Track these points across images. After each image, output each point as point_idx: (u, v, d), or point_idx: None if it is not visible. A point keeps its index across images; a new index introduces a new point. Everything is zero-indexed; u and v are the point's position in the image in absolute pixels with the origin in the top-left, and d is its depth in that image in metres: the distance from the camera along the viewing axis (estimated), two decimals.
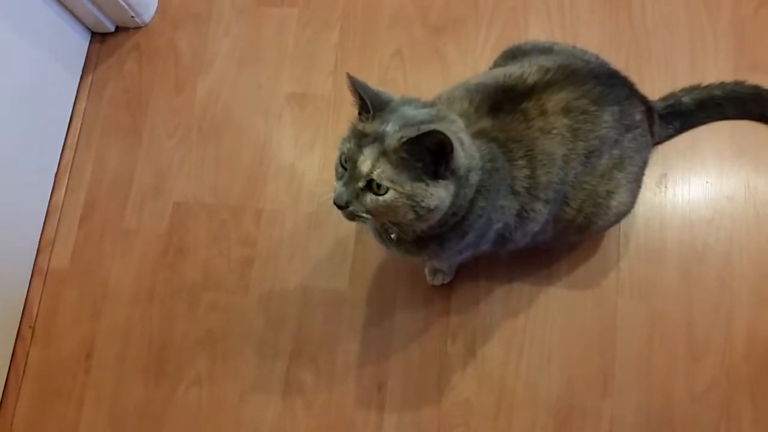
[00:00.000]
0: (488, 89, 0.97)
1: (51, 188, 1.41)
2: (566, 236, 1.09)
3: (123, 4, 1.42)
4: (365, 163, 0.80)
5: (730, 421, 1.14)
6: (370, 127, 0.81)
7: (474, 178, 0.85)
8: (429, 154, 0.79)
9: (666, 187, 1.26)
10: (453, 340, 1.22)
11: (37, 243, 1.38)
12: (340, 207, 0.82)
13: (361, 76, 1.25)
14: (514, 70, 1.00)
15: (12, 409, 1.29)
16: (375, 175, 0.79)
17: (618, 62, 1.15)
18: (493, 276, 1.24)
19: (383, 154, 0.79)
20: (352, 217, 0.83)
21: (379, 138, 0.79)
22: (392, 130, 0.80)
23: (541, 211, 0.98)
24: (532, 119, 0.94)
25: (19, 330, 1.33)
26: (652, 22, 1.36)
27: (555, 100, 0.95)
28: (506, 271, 1.24)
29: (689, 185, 1.26)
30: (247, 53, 1.44)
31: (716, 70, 1.31)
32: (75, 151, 1.42)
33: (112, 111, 1.44)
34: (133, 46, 1.48)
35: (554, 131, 0.94)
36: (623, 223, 1.23)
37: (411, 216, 0.82)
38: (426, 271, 1.23)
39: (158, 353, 1.27)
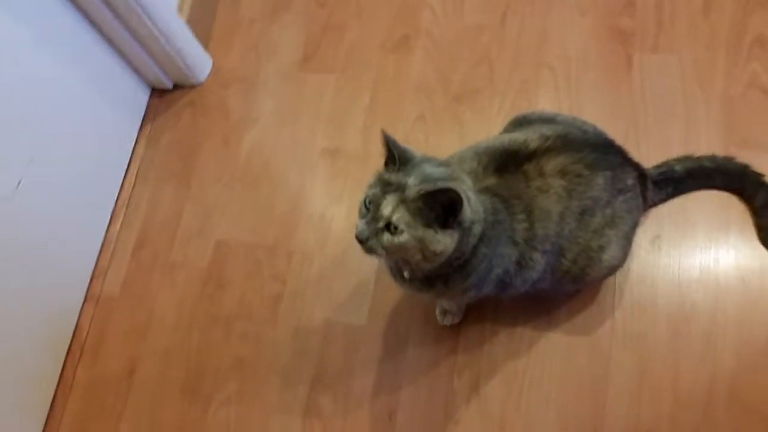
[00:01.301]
0: (495, 152, 1.11)
1: (108, 222, 1.58)
2: (563, 285, 1.21)
3: (181, 65, 1.62)
4: (387, 208, 0.93)
5: None
6: (394, 177, 0.95)
7: (477, 229, 0.99)
8: (441, 206, 0.93)
9: (659, 247, 1.38)
10: (459, 376, 1.33)
11: (92, 271, 1.54)
12: (360, 242, 0.96)
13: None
14: (518, 136, 1.14)
15: (58, 422, 1.42)
16: (394, 219, 0.93)
17: (617, 131, 1.30)
18: (498, 320, 1.36)
19: (403, 201, 0.93)
20: (369, 251, 0.97)
21: (401, 188, 0.94)
22: (413, 183, 0.94)
23: (539, 261, 1.11)
24: (532, 179, 1.08)
25: (69, 349, 1.48)
26: (650, 96, 1.50)
27: (553, 163, 1.09)
28: (510, 316, 1.36)
29: (680, 247, 1.38)
30: (288, 112, 1.63)
31: (708, 143, 1.44)
32: (132, 191, 1.61)
33: (166, 157, 1.63)
34: (188, 102, 1.68)
35: (551, 191, 1.08)
36: (619, 277, 1.36)
37: (419, 257, 0.96)
38: (437, 312, 1.36)
39: (194, 375, 1.41)
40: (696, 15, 1.57)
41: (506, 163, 1.10)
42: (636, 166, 1.22)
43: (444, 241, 0.96)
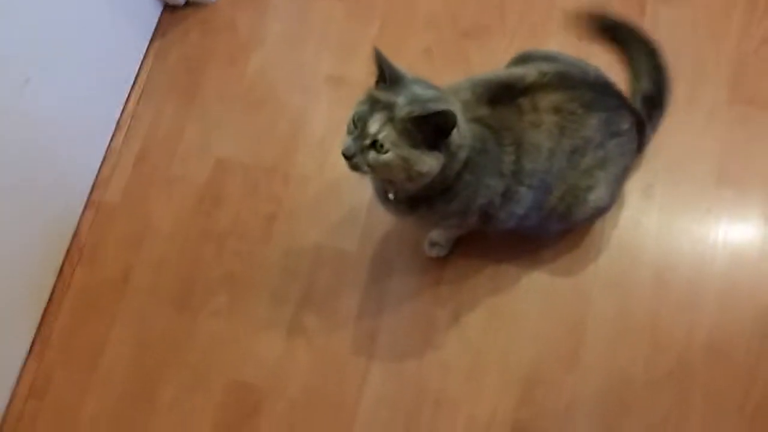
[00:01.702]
0: (490, 84, 1.11)
1: (112, 133, 1.60)
2: (550, 223, 1.23)
3: None
4: (374, 125, 0.94)
5: (681, 411, 1.26)
6: (384, 95, 0.96)
7: (462, 155, 1.00)
8: (431, 128, 0.95)
9: (651, 196, 1.39)
10: (442, 306, 1.37)
11: (94, 178, 1.57)
12: (346, 157, 0.97)
13: None
14: (516, 70, 1.15)
15: (52, 321, 1.47)
16: (380, 137, 0.94)
17: (621, 82, 1.29)
18: (485, 256, 1.39)
19: (390, 120, 0.94)
20: (355, 168, 0.98)
21: (389, 106, 0.94)
22: (402, 102, 0.95)
23: (525, 195, 1.12)
24: (525, 113, 1.08)
25: (68, 251, 1.51)
26: (661, 43, 1.48)
27: (548, 99, 1.08)
28: (497, 253, 1.38)
29: (672, 197, 1.38)
30: (296, 36, 1.62)
31: (713, 99, 1.44)
32: (137, 104, 1.62)
33: (173, 73, 1.64)
34: (199, 20, 1.68)
35: (543, 126, 1.08)
36: (608, 222, 1.37)
37: (403, 176, 0.98)
38: (425, 243, 1.38)
39: (186, 285, 1.45)
40: None
41: (501, 95, 1.09)
42: (634, 112, 1.21)
43: (429, 162, 0.97)
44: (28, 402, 1.40)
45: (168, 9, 1.70)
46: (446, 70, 1.53)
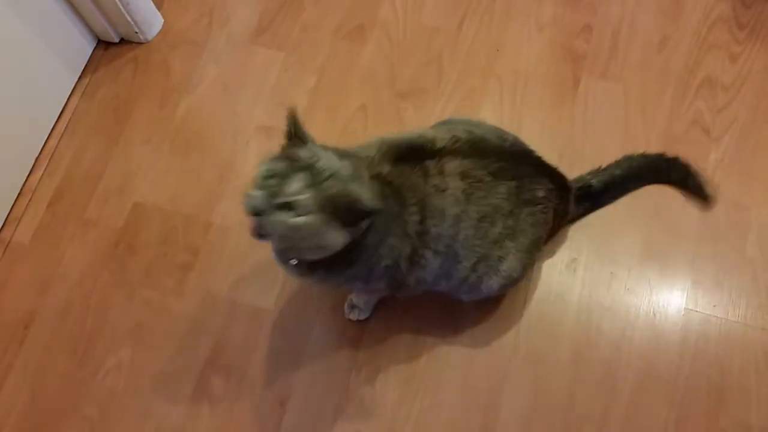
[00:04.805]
0: (399, 144, 1.06)
1: (29, 170, 1.53)
2: (461, 293, 1.20)
3: (130, 20, 1.57)
4: (293, 186, 0.89)
5: None
6: (303, 154, 0.92)
7: (365, 224, 0.96)
8: (349, 210, 0.91)
9: (575, 270, 1.38)
10: (357, 372, 1.32)
11: (5, 217, 1.49)
12: (253, 213, 0.89)
13: (328, 121, 1.42)
14: (429, 133, 1.11)
15: None
16: (300, 199, 0.88)
17: (553, 150, 1.29)
18: (405, 322, 1.34)
19: (313, 185, 0.89)
20: (258, 229, 0.91)
21: (310, 168, 0.90)
22: (323, 167, 0.90)
23: (431, 260, 1.08)
24: (430, 176, 1.04)
25: None
26: (591, 120, 1.50)
27: (455, 164, 1.05)
28: (417, 320, 1.34)
29: (595, 273, 1.38)
30: (231, 83, 1.59)
31: None
32: (59, 141, 1.55)
33: (99, 112, 1.58)
34: (132, 58, 1.63)
35: (448, 191, 1.04)
36: (530, 294, 1.35)
37: (306, 245, 0.94)
38: (345, 305, 1.34)
39: (89, 336, 1.37)
40: (651, 48, 1.58)
41: (407, 156, 1.05)
42: (554, 178, 1.19)
43: (336, 238, 0.93)
44: None
45: (102, 45, 1.66)
46: (380, 127, 1.51)
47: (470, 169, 1.06)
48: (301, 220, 0.89)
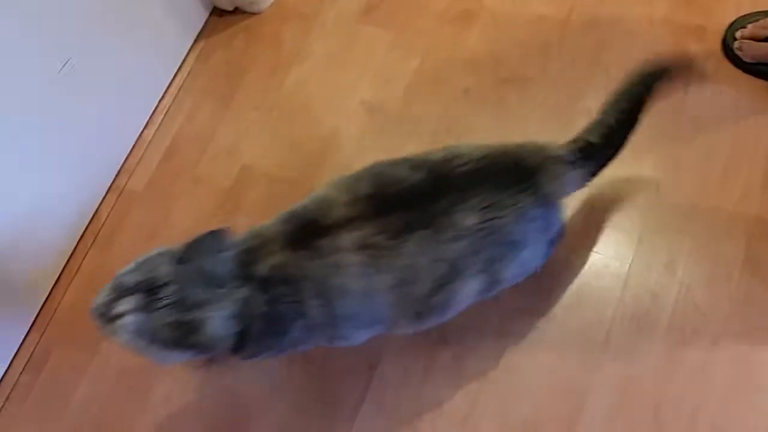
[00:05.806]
0: (299, 219, 1.02)
1: (144, 124, 1.63)
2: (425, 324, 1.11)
3: None
4: (121, 306, 0.89)
5: None
6: (162, 271, 0.92)
7: (224, 344, 0.95)
8: (174, 339, 0.90)
9: (674, 271, 1.36)
10: (444, 346, 1.36)
11: (120, 165, 1.60)
12: (94, 315, 0.91)
13: (431, 102, 1.41)
14: (330, 196, 1.02)
15: (61, 295, 1.49)
16: (123, 321, 0.88)
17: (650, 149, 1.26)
18: (494, 305, 1.38)
19: (144, 309, 0.88)
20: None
21: (150, 291, 0.89)
22: (166, 299, 0.89)
23: (354, 335, 1.05)
24: (325, 256, 0.95)
25: (84, 234, 1.54)
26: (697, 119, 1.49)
27: (350, 237, 0.95)
28: (505, 303, 1.37)
29: (695, 275, 1.36)
30: (337, 58, 1.65)
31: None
32: (173, 100, 1.65)
33: (212, 75, 1.67)
34: (245, 27, 1.71)
35: (348, 268, 0.95)
36: (626, 289, 1.35)
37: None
38: None
39: None
40: None
41: (302, 236, 0.98)
42: (535, 175, 1.00)
43: (171, 359, 0.93)
44: (23, 375, 1.42)
45: (216, 12, 1.74)
46: (480, 113, 1.54)
47: (367, 237, 0.94)
48: (122, 339, 0.90)
